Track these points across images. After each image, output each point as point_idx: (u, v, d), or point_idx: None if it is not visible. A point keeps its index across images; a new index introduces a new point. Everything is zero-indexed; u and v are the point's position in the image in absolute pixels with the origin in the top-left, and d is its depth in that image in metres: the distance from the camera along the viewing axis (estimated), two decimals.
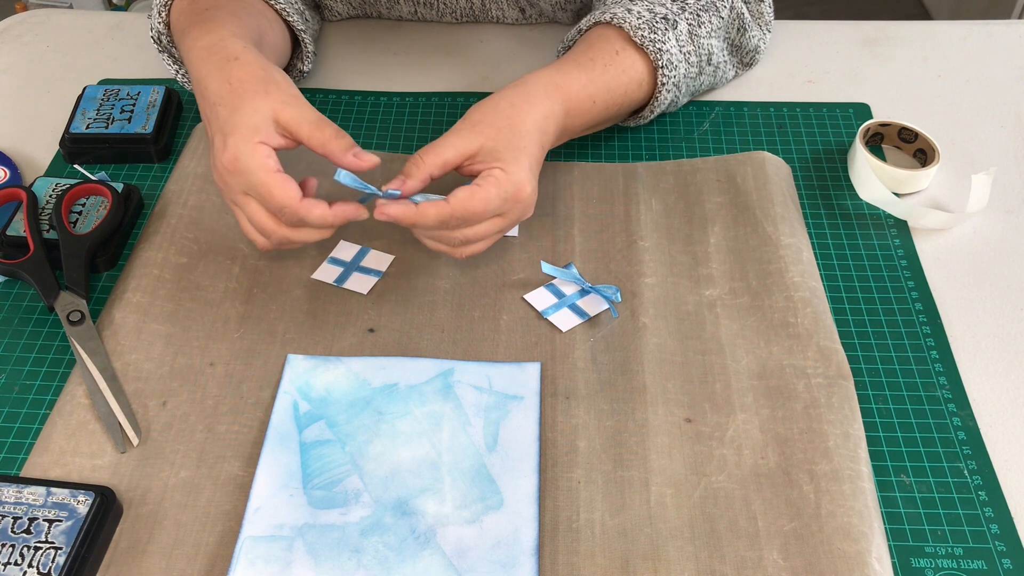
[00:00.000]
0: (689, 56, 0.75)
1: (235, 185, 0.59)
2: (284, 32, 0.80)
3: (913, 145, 0.77)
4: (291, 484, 0.55)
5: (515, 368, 0.61)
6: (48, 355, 0.63)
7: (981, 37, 0.91)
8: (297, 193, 0.58)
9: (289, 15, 0.79)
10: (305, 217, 0.58)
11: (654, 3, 0.74)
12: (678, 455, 0.56)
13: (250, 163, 0.57)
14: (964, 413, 0.60)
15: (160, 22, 0.76)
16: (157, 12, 0.76)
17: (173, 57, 0.80)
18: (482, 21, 0.93)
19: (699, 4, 0.75)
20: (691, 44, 0.74)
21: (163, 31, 0.76)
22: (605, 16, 0.73)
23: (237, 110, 0.59)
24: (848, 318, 0.65)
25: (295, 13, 0.80)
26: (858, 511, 0.53)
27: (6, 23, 0.95)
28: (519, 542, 0.52)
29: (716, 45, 0.77)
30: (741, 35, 0.81)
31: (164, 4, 0.75)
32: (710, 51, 0.77)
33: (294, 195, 0.58)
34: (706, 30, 0.75)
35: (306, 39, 0.82)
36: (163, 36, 0.77)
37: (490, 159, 0.60)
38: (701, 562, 0.52)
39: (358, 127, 0.81)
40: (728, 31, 0.79)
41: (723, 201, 0.72)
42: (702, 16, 0.75)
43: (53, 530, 0.51)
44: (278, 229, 0.59)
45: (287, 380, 0.60)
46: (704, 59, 0.76)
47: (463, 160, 0.60)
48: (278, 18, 0.79)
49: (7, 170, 0.76)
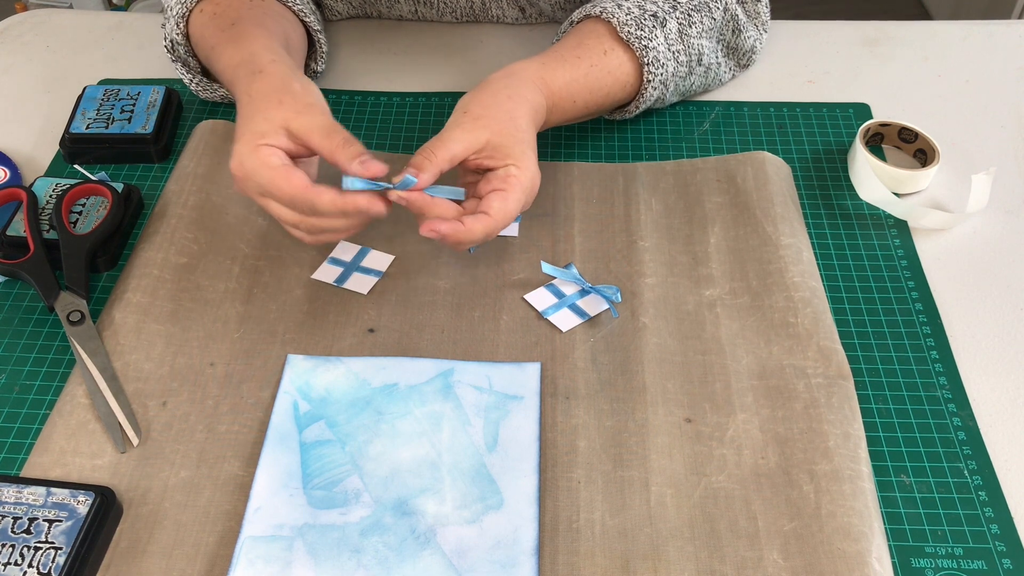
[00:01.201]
0: (678, 55, 0.75)
1: (250, 189, 0.60)
2: (303, 33, 0.80)
3: (913, 145, 0.77)
4: (291, 484, 0.55)
5: (515, 368, 0.61)
6: (48, 355, 0.63)
7: (981, 37, 0.91)
8: (303, 182, 0.58)
9: (306, 15, 0.79)
10: (315, 203, 0.58)
11: (646, 0, 0.74)
12: (678, 455, 0.56)
13: (253, 163, 0.58)
14: (964, 413, 0.60)
15: (178, 33, 0.76)
16: (175, 23, 0.75)
17: (187, 66, 0.80)
18: (482, 21, 0.93)
19: (691, 4, 0.75)
20: (681, 43, 0.74)
21: (180, 41, 0.76)
22: (595, 10, 0.74)
23: (249, 120, 0.60)
24: (848, 318, 0.65)
25: (311, 13, 0.80)
26: (858, 511, 0.53)
27: (6, 23, 0.95)
28: (519, 542, 0.52)
29: (707, 46, 0.77)
30: (736, 36, 0.81)
31: (182, 15, 0.75)
32: (700, 51, 0.76)
33: (299, 184, 0.58)
34: (697, 30, 0.75)
35: (321, 39, 0.82)
36: (179, 46, 0.77)
37: (498, 155, 0.60)
38: (701, 562, 0.52)
39: (358, 127, 0.81)
40: (722, 32, 0.79)
41: (723, 201, 0.72)
42: (693, 16, 0.75)
43: (53, 530, 0.51)
44: (303, 219, 0.60)
45: (287, 380, 0.60)
46: (694, 59, 0.76)
47: (470, 154, 0.61)
48: (296, 19, 0.79)
49: (7, 170, 0.76)
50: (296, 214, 0.60)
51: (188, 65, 0.80)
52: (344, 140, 0.59)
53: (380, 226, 0.70)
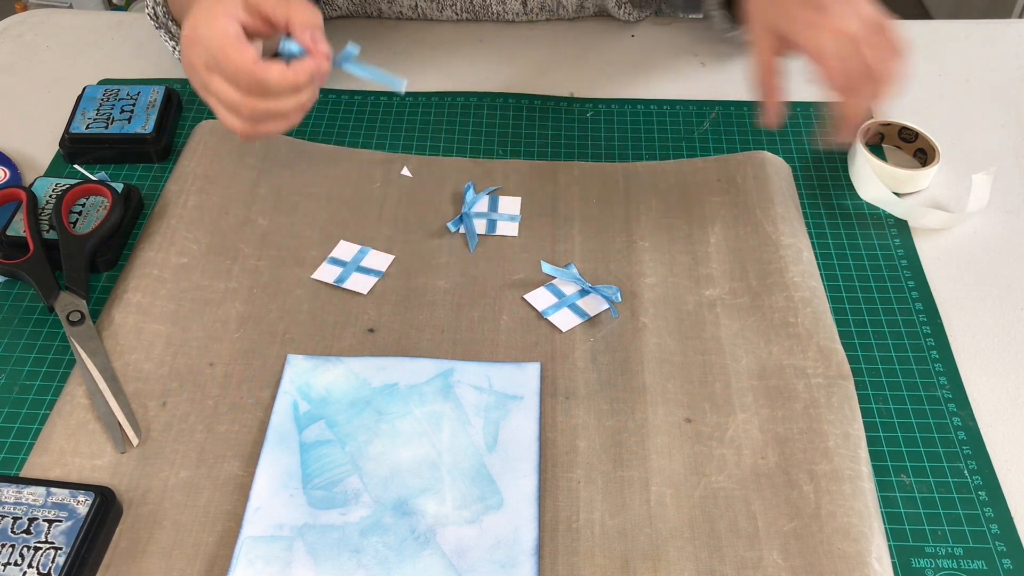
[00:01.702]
0: None
1: (196, 59, 0.59)
2: None
3: (913, 145, 0.77)
4: (291, 484, 0.55)
5: (515, 368, 0.61)
6: (48, 355, 0.64)
7: (981, 36, 0.91)
8: (253, 55, 0.58)
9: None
10: (264, 77, 0.58)
11: None
12: (678, 455, 0.56)
13: (208, 29, 0.58)
14: (964, 413, 0.60)
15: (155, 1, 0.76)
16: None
17: (170, 33, 0.80)
18: (482, 19, 0.92)
19: None
20: None
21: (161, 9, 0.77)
22: None
23: (208, 7, 0.59)
24: (848, 318, 0.65)
25: None
26: (858, 511, 0.53)
27: (6, 23, 0.95)
28: (519, 542, 0.52)
29: None
30: None
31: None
32: None
33: (250, 56, 0.58)
34: None
35: None
36: (159, 10, 0.78)
37: None
38: (701, 562, 0.52)
39: (358, 127, 0.81)
40: None
41: (723, 201, 0.72)
42: None
43: (53, 530, 0.51)
44: (244, 100, 0.59)
45: (287, 380, 0.60)
46: None
47: None
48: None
49: (7, 170, 0.76)
50: (239, 94, 0.59)
51: (171, 32, 0.80)
52: (302, 5, 0.59)
53: (380, 226, 0.70)
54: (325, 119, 0.82)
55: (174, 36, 0.80)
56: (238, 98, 0.59)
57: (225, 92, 0.59)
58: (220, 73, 0.59)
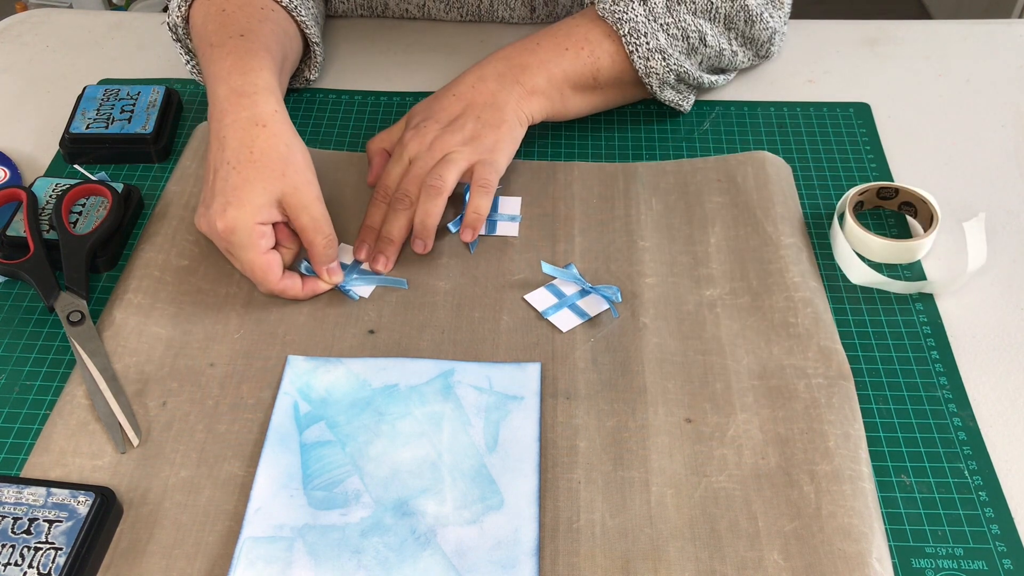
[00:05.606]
0: (669, 28, 0.73)
1: (220, 244, 0.63)
2: (300, 42, 0.80)
3: (895, 200, 0.71)
4: (291, 485, 0.55)
5: (515, 368, 0.61)
6: (48, 355, 0.63)
7: (981, 37, 0.91)
8: (277, 276, 0.63)
9: (308, 27, 0.79)
10: (278, 291, 0.64)
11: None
12: (678, 455, 0.56)
13: (244, 240, 0.62)
14: (964, 413, 0.60)
15: (179, 16, 0.76)
16: (177, 6, 0.76)
17: (187, 48, 0.80)
18: (486, 20, 0.92)
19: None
20: (669, 16, 0.73)
21: (180, 24, 0.77)
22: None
23: (248, 182, 0.62)
24: (848, 318, 0.65)
25: (313, 24, 0.80)
26: (858, 511, 0.53)
27: (6, 23, 0.95)
28: (519, 542, 0.52)
29: (709, 28, 0.76)
30: (750, 27, 0.79)
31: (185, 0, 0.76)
32: (701, 32, 0.75)
33: (274, 279, 0.63)
34: (688, 8, 0.74)
35: (317, 51, 0.82)
36: (179, 28, 0.77)
37: None
38: (702, 562, 0.52)
39: (358, 127, 0.81)
40: (732, 21, 0.77)
41: (723, 201, 0.72)
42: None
43: (53, 531, 0.51)
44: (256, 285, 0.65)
45: (287, 381, 0.60)
46: (695, 37, 0.75)
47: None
48: (297, 29, 0.79)
49: (7, 170, 0.76)
50: (253, 280, 0.64)
51: (187, 47, 0.80)
52: (326, 241, 0.64)
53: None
54: (325, 119, 0.82)
55: (190, 51, 0.80)
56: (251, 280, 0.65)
57: (240, 268, 0.65)
58: (239, 265, 0.64)
